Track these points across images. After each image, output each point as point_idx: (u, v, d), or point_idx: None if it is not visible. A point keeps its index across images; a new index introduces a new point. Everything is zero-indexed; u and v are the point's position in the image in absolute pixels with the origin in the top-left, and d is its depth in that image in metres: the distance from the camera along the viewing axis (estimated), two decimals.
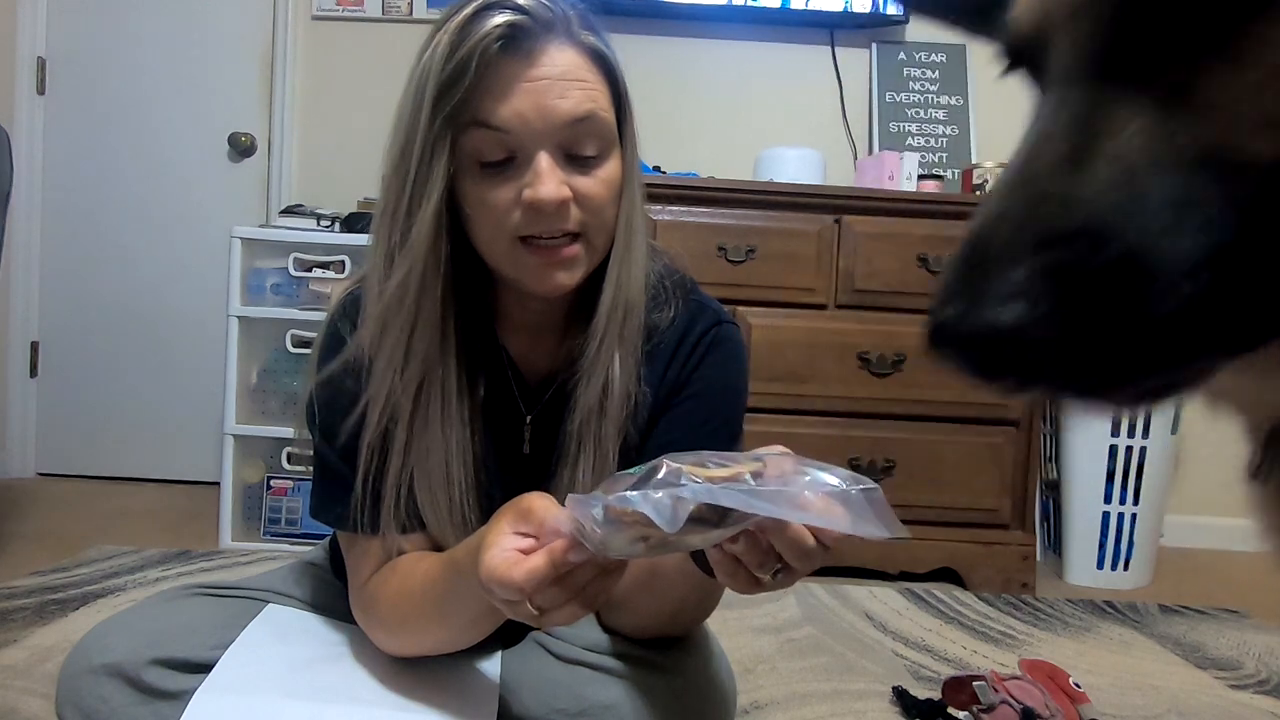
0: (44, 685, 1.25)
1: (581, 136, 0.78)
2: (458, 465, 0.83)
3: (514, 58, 0.75)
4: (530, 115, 0.75)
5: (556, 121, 0.76)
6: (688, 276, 0.95)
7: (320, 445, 0.87)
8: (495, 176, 0.77)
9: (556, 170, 0.77)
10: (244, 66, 2.72)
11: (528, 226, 0.78)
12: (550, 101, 0.75)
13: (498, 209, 0.78)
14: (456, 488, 0.83)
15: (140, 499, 2.55)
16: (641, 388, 0.86)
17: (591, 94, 0.78)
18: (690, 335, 0.90)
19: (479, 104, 0.75)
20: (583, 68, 0.78)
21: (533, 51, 0.76)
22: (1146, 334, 0.31)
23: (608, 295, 0.83)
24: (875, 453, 2.07)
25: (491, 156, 0.77)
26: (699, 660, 0.88)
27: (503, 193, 0.77)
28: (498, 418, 0.89)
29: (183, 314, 2.76)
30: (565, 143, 0.77)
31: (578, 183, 0.78)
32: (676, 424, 0.87)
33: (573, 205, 0.78)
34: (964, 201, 2.13)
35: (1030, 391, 0.33)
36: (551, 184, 0.76)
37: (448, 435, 0.82)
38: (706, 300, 0.94)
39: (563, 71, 0.76)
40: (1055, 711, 1.18)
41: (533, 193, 0.76)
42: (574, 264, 0.80)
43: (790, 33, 2.66)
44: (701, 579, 0.75)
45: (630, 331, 0.85)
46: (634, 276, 0.84)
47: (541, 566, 0.62)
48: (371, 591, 0.85)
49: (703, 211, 2.07)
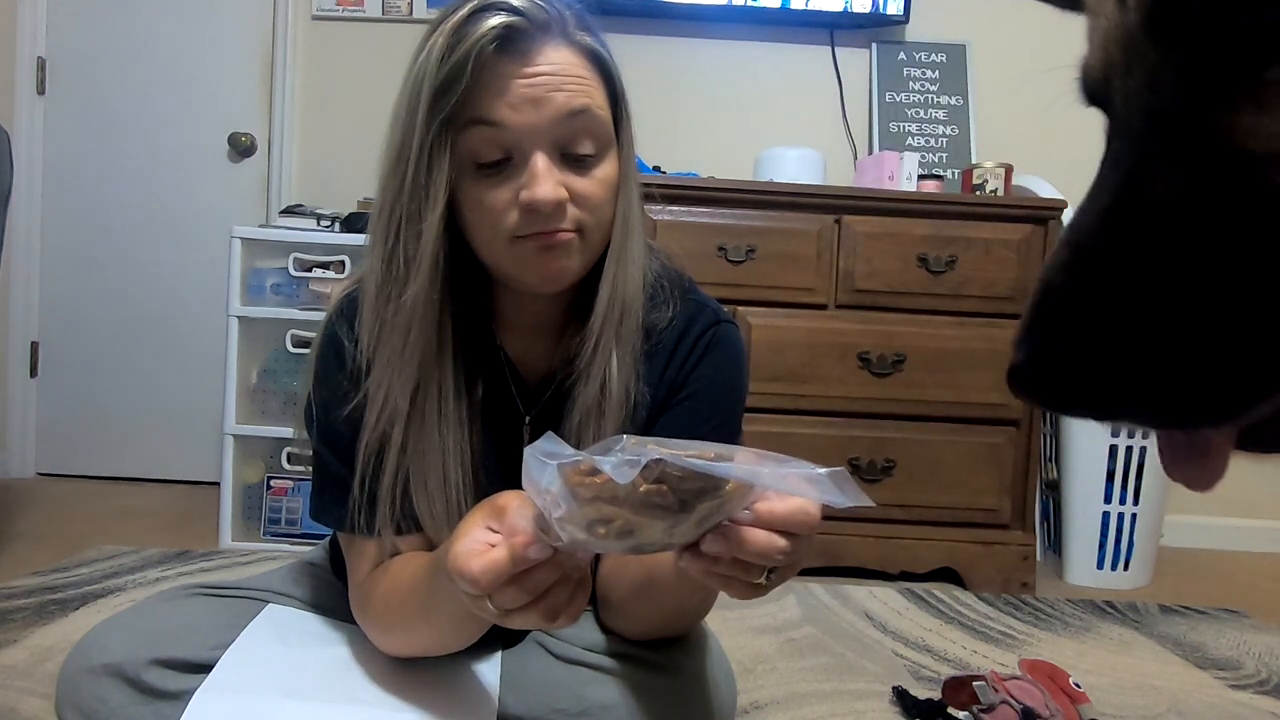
0: (44, 685, 1.25)
1: (578, 133, 0.78)
2: (454, 466, 0.83)
3: (510, 58, 0.75)
4: (526, 110, 0.75)
5: (552, 116, 0.76)
6: (686, 275, 0.95)
7: (318, 447, 0.87)
8: (492, 178, 0.78)
9: (553, 170, 0.77)
10: (244, 66, 2.72)
11: (525, 227, 0.78)
12: (545, 95, 0.76)
13: (495, 210, 0.78)
14: (453, 489, 0.83)
15: (140, 499, 2.55)
16: (640, 387, 0.86)
17: (587, 90, 0.78)
18: (689, 334, 0.90)
19: (475, 102, 0.75)
20: (578, 66, 0.78)
21: (528, 52, 0.76)
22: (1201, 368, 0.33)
23: (604, 294, 0.83)
24: (875, 453, 2.07)
25: (488, 157, 0.77)
26: (698, 660, 0.88)
27: (500, 194, 0.77)
28: (497, 418, 0.89)
29: (183, 314, 2.76)
30: (561, 140, 0.77)
31: (574, 183, 0.78)
32: (676, 423, 0.88)
33: (570, 205, 0.78)
34: (964, 201, 2.13)
35: (1109, 421, 0.37)
36: (548, 184, 0.76)
37: (444, 436, 0.82)
38: (705, 299, 0.94)
39: (558, 69, 0.77)
40: (1055, 711, 1.18)
41: (529, 193, 0.76)
42: (570, 250, 0.80)
43: (790, 33, 2.66)
44: (697, 585, 0.75)
45: (627, 331, 0.85)
46: (630, 276, 0.84)
47: (500, 560, 0.61)
48: (366, 591, 0.85)
49: (703, 211, 2.08)
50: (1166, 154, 0.35)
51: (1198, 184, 0.34)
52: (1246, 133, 0.33)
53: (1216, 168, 0.33)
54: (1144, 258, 0.34)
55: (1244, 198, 0.33)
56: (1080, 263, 0.36)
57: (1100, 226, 0.36)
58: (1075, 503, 2.19)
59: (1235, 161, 0.33)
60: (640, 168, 2.47)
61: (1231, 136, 0.33)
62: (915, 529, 2.09)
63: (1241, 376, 0.33)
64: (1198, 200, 0.34)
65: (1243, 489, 2.60)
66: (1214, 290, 0.33)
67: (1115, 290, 0.34)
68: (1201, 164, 0.34)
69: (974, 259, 2.06)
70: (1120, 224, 0.35)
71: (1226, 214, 0.33)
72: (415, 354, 0.80)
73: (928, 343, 2.06)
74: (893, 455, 2.07)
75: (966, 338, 2.07)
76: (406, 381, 0.81)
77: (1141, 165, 0.35)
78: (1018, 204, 2.11)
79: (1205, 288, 0.33)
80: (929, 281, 2.07)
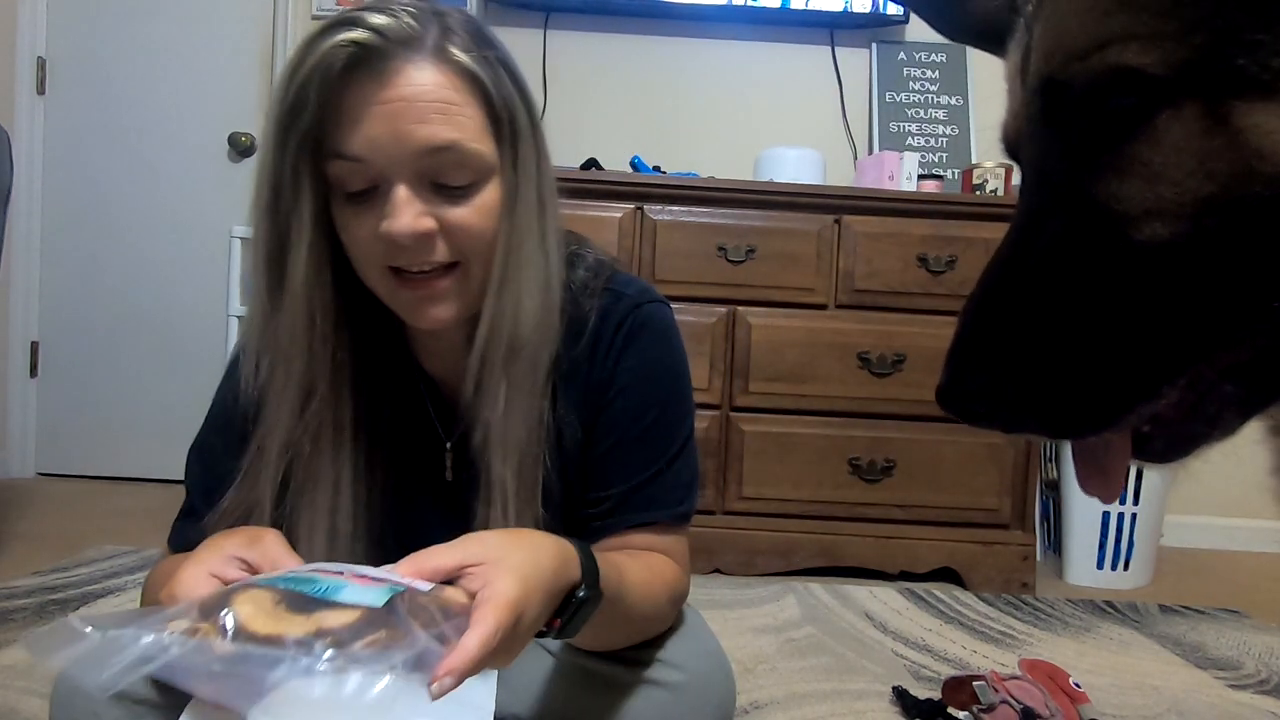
0: (44, 685, 1.25)
1: (445, 167, 0.72)
2: (347, 496, 0.79)
3: (365, 78, 0.70)
4: (383, 142, 0.70)
5: (411, 150, 0.70)
6: (607, 266, 0.89)
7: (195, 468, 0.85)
8: (359, 206, 0.73)
9: (415, 202, 0.72)
10: (244, 66, 2.72)
11: (392, 258, 0.74)
12: (405, 127, 0.70)
13: (363, 240, 0.74)
14: (344, 518, 0.79)
15: (140, 499, 2.56)
16: (557, 414, 0.82)
17: (455, 120, 0.72)
18: (606, 330, 0.85)
19: (331, 132, 0.71)
20: (446, 88, 0.71)
21: (385, 72, 0.70)
22: (1084, 387, 0.41)
23: (482, 333, 0.77)
24: (875, 453, 2.07)
25: (354, 186, 0.73)
26: (698, 660, 0.88)
27: (366, 223, 0.73)
28: (414, 444, 0.86)
29: (183, 314, 2.76)
30: (427, 172, 0.72)
31: (447, 213, 0.73)
32: (613, 424, 0.84)
33: (440, 238, 0.74)
34: (964, 201, 2.13)
35: (1015, 433, 0.44)
36: (406, 217, 0.71)
37: (339, 467, 0.79)
38: (622, 286, 0.88)
39: (419, 93, 0.70)
40: (1055, 711, 1.18)
41: (386, 226, 0.71)
42: (446, 297, 0.76)
43: (790, 33, 2.66)
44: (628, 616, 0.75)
45: (519, 370, 0.78)
46: (523, 308, 0.77)
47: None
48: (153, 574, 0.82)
49: (703, 211, 2.07)
50: (1053, 211, 0.42)
51: (1075, 238, 0.41)
52: (1111, 196, 0.40)
53: (1090, 225, 0.41)
54: (1034, 297, 0.42)
55: (1111, 250, 0.40)
56: (987, 301, 0.44)
57: (1002, 270, 0.44)
58: (1075, 503, 2.19)
59: (1104, 219, 0.40)
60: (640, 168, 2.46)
61: (1101, 199, 0.40)
62: (915, 529, 2.08)
63: (1111, 394, 0.41)
64: (1075, 250, 0.41)
65: (1243, 489, 2.59)
66: (1088, 324, 0.41)
67: (1012, 325, 0.42)
68: (1078, 221, 0.41)
69: (974, 259, 2.06)
70: (1016, 269, 0.43)
71: (1098, 262, 0.40)
72: (299, 384, 0.77)
73: (928, 343, 2.06)
74: (893, 455, 2.07)
75: None
76: (292, 414, 0.77)
77: (1034, 219, 0.43)
78: (1017, 204, 2.11)
79: (1081, 322, 0.41)
80: (929, 281, 2.07)
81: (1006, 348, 0.42)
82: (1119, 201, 0.40)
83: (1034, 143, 0.44)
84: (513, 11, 2.60)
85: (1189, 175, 0.37)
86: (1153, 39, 0.37)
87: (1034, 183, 0.44)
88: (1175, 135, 0.37)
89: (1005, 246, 0.44)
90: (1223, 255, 0.38)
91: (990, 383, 0.42)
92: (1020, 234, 0.44)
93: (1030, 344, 0.42)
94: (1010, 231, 0.45)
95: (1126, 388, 0.41)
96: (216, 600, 0.52)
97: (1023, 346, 0.42)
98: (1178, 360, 0.40)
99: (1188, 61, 0.37)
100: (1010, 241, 0.44)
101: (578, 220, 1.99)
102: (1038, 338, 0.41)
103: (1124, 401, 0.41)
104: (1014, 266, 0.43)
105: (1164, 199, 0.38)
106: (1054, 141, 0.42)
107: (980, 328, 0.43)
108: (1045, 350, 0.41)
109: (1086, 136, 0.40)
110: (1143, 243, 0.39)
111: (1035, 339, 0.41)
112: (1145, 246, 0.39)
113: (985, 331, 0.43)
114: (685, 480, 0.87)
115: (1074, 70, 0.40)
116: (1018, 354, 0.42)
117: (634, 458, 0.85)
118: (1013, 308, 0.42)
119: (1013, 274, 0.43)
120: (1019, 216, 0.44)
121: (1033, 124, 0.43)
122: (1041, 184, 0.43)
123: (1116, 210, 0.40)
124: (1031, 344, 0.42)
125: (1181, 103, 0.37)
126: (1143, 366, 0.40)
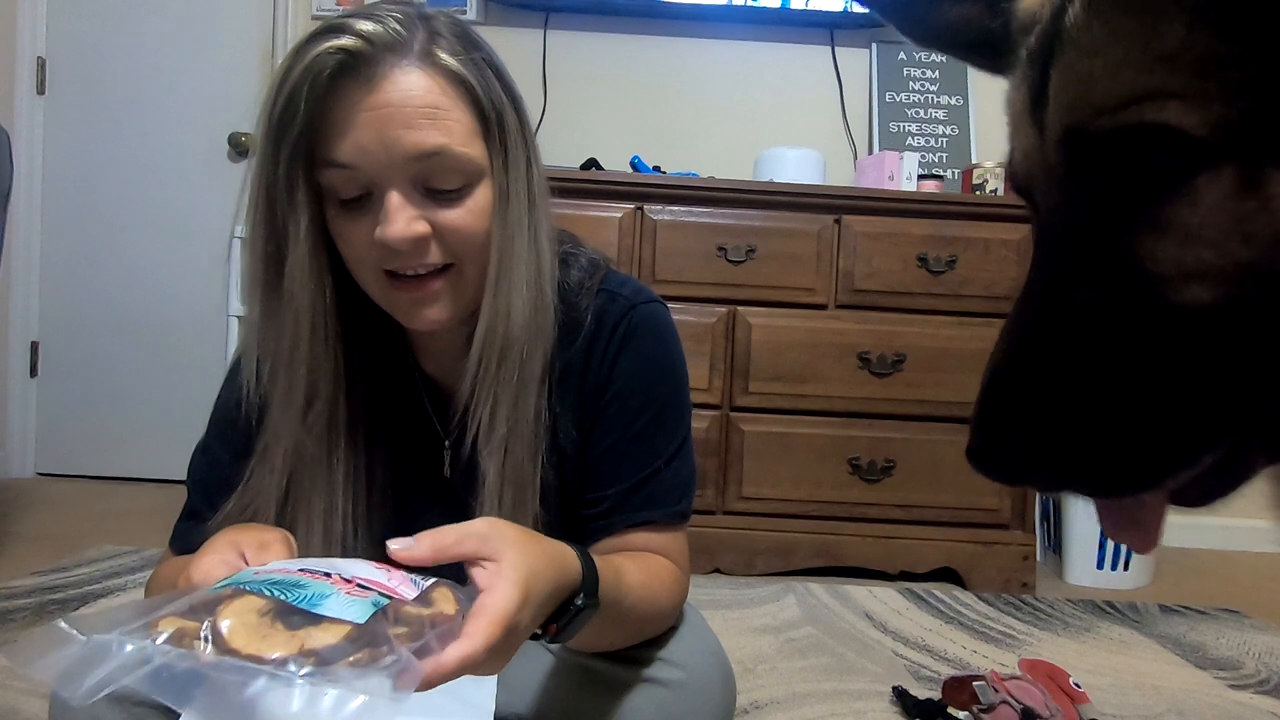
0: (44, 685, 1.25)
1: (436, 171, 0.73)
2: (343, 496, 0.80)
3: (353, 85, 0.70)
4: (373, 148, 0.71)
5: (403, 156, 0.71)
6: (601, 266, 0.89)
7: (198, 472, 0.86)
8: (353, 212, 0.74)
9: (408, 207, 0.72)
10: (244, 66, 2.72)
11: (387, 262, 0.75)
12: (394, 132, 0.70)
13: (358, 245, 0.75)
14: (340, 519, 0.80)
15: (140, 499, 2.56)
16: (554, 415, 0.83)
17: (444, 124, 0.72)
18: (602, 332, 0.85)
19: (321, 139, 0.71)
20: (435, 93, 0.72)
21: (373, 78, 0.70)
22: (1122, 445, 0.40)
23: (479, 333, 0.78)
24: (875, 453, 2.07)
25: (347, 193, 0.73)
26: (698, 658, 0.88)
27: (360, 229, 0.74)
28: (415, 444, 0.87)
29: (183, 314, 2.76)
30: (418, 177, 0.73)
31: (440, 216, 0.74)
32: (611, 426, 0.85)
33: (433, 241, 0.74)
34: (964, 201, 2.13)
35: (1055, 492, 0.43)
36: (400, 222, 0.71)
37: (334, 467, 0.80)
38: (617, 287, 0.88)
39: (407, 98, 0.71)
40: (1055, 711, 1.18)
41: (381, 232, 0.72)
42: (440, 298, 0.77)
43: (790, 33, 2.66)
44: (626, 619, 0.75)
45: (509, 372, 0.78)
46: (514, 309, 0.78)
47: None
48: (156, 572, 0.83)
49: (703, 211, 2.07)
50: (1085, 266, 0.41)
51: (1110, 295, 0.40)
52: (1147, 256, 0.39)
53: (1125, 282, 0.40)
54: (1070, 355, 0.40)
55: (1149, 310, 0.39)
56: (1018, 358, 0.42)
57: (1034, 325, 0.42)
58: (1075, 502, 2.19)
59: (1140, 278, 0.39)
60: (640, 168, 2.46)
61: (1136, 257, 0.39)
62: (915, 529, 2.08)
63: (1154, 454, 0.40)
64: (1111, 308, 0.40)
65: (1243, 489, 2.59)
66: (1128, 384, 0.39)
67: (1048, 384, 0.41)
68: (1113, 278, 0.40)
69: (974, 259, 2.06)
70: (1049, 324, 0.42)
71: (1135, 322, 0.39)
72: (301, 389, 0.77)
73: (928, 343, 2.06)
74: (893, 455, 2.07)
75: (966, 338, 2.07)
76: (295, 418, 0.77)
77: (1065, 272, 0.42)
78: (1018, 204, 2.09)
79: (1121, 382, 0.39)
80: (929, 281, 2.07)
81: (1043, 408, 0.41)
82: (1156, 263, 0.39)
83: (1055, 191, 0.42)
84: (513, 11, 2.60)
85: (1228, 238, 0.37)
86: (1195, 99, 0.36)
87: (1056, 230, 0.43)
88: (1214, 198, 0.37)
89: (1029, 299, 0.43)
90: (1266, 322, 0.37)
91: (1028, 444, 0.41)
92: (1045, 287, 0.42)
93: (1068, 405, 0.40)
94: (1032, 282, 0.43)
95: (1169, 453, 0.40)
96: (206, 604, 0.52)
97: (1060, 407, 0.41)
98: (1220, 427, 0.40)
99: (1230, 124, 0.36)
100: (1034, 294, 0.43)
101: (578, 220, 1.99)
102: (1075, 398, 0.40)
103: (1166, 467, 0.40)
104: (1044, 321, 0.42)
105: (1204, 262, 0.38)
106: (1079, 193, 0.41)
107: (1011, 386, 0.42)
108: (1084, 412, 0.40)
109: (1118, 192, 0.39)
110: (1182, 305, 0.38)
111: (1073, 400, 0.40)
112: (1185, 309, 0.38)
113: (1017, 390, 0.42)
114: (683, 479, 0.88)
115: (1102, 124, 0.39)
116: (1055, 415, 0.41)
117: (632, 458, 0.85)
118: (1046, 366, 0.41)
119: (1043, 330, 0.42)
120: (1040, 264, 0.43)
121: (1053, 173, 0.42)
122: (1065, 234, 0.42)
123: (1153, 271, 0.39)
124: (1069, 405, 0.40)
125: (1220, 165, 0.36)
126: (1185, 433, 0.39)
